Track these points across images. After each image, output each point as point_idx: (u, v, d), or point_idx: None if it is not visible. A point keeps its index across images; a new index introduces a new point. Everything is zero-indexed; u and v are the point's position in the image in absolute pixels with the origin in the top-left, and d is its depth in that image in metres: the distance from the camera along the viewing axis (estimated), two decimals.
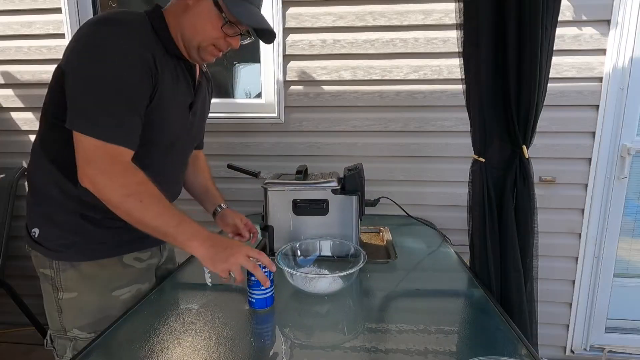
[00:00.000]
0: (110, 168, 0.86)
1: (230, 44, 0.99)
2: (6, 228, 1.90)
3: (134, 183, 0.88)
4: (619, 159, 1.82)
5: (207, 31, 0.95)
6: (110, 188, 0.86)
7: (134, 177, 0.88)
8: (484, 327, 0.95)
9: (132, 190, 0.87)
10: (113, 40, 0.86)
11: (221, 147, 1.94)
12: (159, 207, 0.89)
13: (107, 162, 0.85)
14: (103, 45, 0.85)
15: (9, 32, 1.95)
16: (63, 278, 0.99)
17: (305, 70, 1.87)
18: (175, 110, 1.02)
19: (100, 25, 0.87)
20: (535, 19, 1.03)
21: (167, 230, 0.89)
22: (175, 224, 0.89)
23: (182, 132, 1.08)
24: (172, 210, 0.91)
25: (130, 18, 0.92)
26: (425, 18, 1.77)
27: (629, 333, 2.02)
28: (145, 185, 0.89)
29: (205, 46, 0.97)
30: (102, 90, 0.85)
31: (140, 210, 0.88)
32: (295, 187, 1.29)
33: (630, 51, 1.71)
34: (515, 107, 1.11)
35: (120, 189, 0.86)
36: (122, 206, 0.87)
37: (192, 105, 1.08)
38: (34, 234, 1.00)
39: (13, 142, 2.06)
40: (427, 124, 1.86)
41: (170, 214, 0.90)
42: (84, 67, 0.86)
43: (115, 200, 0.87)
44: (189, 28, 0.96)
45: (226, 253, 0.90)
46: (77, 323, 1.01)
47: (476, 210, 1.22)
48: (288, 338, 0.89)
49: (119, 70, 0.85)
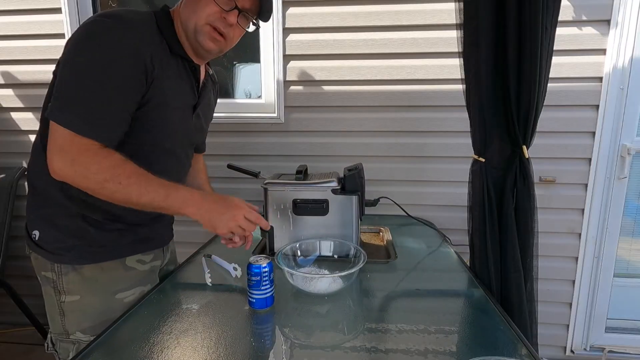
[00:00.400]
0: (79, 157, 0.84)
1: (226, 21, 0.96)
2: (6, 228, 1.90)
3: (108, 167, 0.85)
4: (619, 159, 1.83)
5: (201, 7, 0.94)
6: (84, 177, 0.84)
7: (106, 161, 0.85)
8: (484, 327, 0.95)
9: (107, 175, 0.85)
10: (108, 34, 0.85)
11: (221, 147, 1.94)
12: (141, 184, 0.87)
13: (76, 152, 0.83)
14: (97, 37, 0.84)
15: (9, 32, 1.95)
16: (65, 281, 0.98)
17: (305, 70, 1.87)
18: (177, 112, 1.01)
19: (100, 19, 0.87)
20: (535, 19, 1.03)
21: (158, 205, 0.88)
22: (163, 197, 0.88)
23: (184, 133, 1.07)
24: (156, 183, 0.89)
25: (133, 16, 0.91)
26: (425, 18, 1.77)
27: (629, 333, 2.02)
28: (121, 167, 0.86)
29: (202, 26, 0.95)
30: (86, 82, 0.83)
31: (122, 193, 0.86)
32: (295, 187, 1.29)
33: (630, 51, 1.71)
34: (515, 107, 1.11)
35: (95, 176, 0.84)
36: (103, 192, 0.86)
37: (195, 107, 1.07)
38: (34, 236, 0.99)
39: (13, 142, 2.06)
40: (427, 124, 1.86)
41: (155, 188, 0.88)
42: (73, 58, 0.85)
43: (94, 187, 0.86)
44: (186, 14, 0.96)
45: (225, 216, 0.92)
46: (80, 326, 1.00)
47: (476, 210, 1.21)
48: (288, 338, 0.89)
49: (108, 64, 0.84)
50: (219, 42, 0.99)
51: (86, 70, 0.83)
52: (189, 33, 0.97)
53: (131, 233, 1.04)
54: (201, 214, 0.91)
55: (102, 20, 0.86)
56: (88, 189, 0.86)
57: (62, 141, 0.83)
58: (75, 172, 0.84)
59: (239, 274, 1.16)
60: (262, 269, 0.94)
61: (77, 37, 0.86)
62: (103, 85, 0.84)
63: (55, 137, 0.84)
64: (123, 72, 0.86)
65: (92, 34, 0.85)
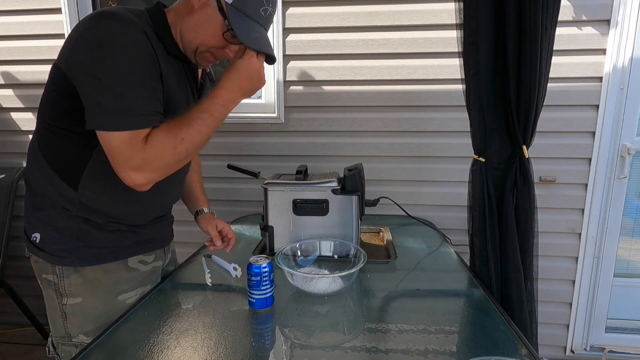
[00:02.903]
0: (141, 155, 0.83)
1: (227, 54, 0.97)
2: (6, 228, 1.90)
3: (163, 139, 0.85)
4: (619, 159, 1.82)
5: (207, 37, 0.93)
6: (162, 163, 0.86)
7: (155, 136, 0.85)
8: (484, 327, 0.95)
9: (169, 145, 0.85)
10: (116, 33, 0.83)
11: (221, 147, 1.94)
12: (188, 126, 0.87)
13: (137, 152, 0.83)
14: (106, 39, 0.82)
15: (9, 32, 1.95)
16: (67, 283, 0.97)
17: (305, 70, 1.87)
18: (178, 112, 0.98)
19: (100, 19, 0.84)
20: (535, 19, 1.03)
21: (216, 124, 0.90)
22: (210, 117, 0.88)
23: None
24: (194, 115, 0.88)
25: (130, 14, 0.88)
26: (425, 18, 1.77)
27: (629, 333, 2.02)
28: (169, 130, 0.86)
29: (202, 51, 0.95)
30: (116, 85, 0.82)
31: (191, 146, 0.87)
32: (295, 187, 1.29)
33: (630, 51, 1.71)
34: (515, 107, 1.11)
35: (165, 156, 0.85)
36: (181, 156, 0.87)
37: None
38: (34, 239, 0.97)
39: (13, 142, 2.06)
40: (427, 124, 1.86)
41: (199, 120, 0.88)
42: (91, 65, 0.82)
43: (173, 163, 0.88)
44: (189, 30, 0.94)
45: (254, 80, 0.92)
46: (82, 329, 1.00)
47: (476, 210, 1.21)
48: (288, 338, 0.89)
49: (127, 61, 0.83)
50: (214, 63, 1.02)
51: (111, 75, 0.81)
52: (187, 50, 0.96)
53: (132, 234, 1.03)
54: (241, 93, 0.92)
55: (104, 20, 0.83)
56: (172, 167, 0.89)
57: (122, 147, 0.83)
58: (152, 169, 0.86)
59: (239, 274, 1.16)
60: (262, 269, 0.94)
61: (84, 42, 0.83)
62: (133, 82, 0.83)
63: (112, 146, 0.83)
64: (145, 69, 0.86)
65: (100, 36, 0.82)
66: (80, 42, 0.84)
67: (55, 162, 0.94)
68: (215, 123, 0.89)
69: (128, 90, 0.82)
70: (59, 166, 0.94)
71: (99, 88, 0.82)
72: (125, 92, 0.82)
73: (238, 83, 0.91)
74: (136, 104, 0.83)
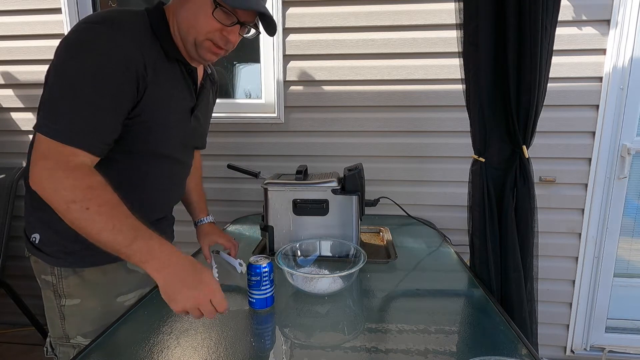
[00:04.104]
0: (58, 169, 0.76)
1: (227, 38, 0.91)
2: (6, 228, 1.90)
3: (84, 187, 0.76)
4: (619, 159, 1.83)
5: (200, 23, 0.88)
6: (54, 191, 0.76)
7: (84, 179, 0.77)
8: (484, 327, 0.95)
9: (78, 195, 0.75)
10: (99, 40, 0.80)
11: (221, 147, 1.94)
12: (109, 218, 0.75)
13: (57, 162, 0.76)
14: (87, 44, 0.80)
15: (9, 32, 1.95)
16: (65, 285, 0.97)
17: (305, 70, 1.87)
18: (174, 116, 0.98)
19: (91, 24, 0.82)
20: (535, 19, 1.03)
21: (117, 248, 0.75)
22: (128, 241, 0.75)
23: (182, 138, 1.04)
24: (127, 222, 0.76)
25: (127, 18, 0.86)
26: (425, 18, 1.77)
27: (629, 333, 2.02)
28: (97, 190, 0.76)
29: (201, 41, 0.90)
30: (74, 90, 0.78)
31: (85, 221, 0.75)
32: (295, 187, 1.29)
33: (630, 51, 1.71)
34: (515, 107, 1.11)
35: (65, 192, 0.75)
36: (67, 215, 0.76)
37: (193, 110, 1.04)
38: (34, 239, 0.97)
39: (13, 142, 2.06)
40: (427, 124, 1.86)
41: (123, 228, 0.75)
42: (62, 65, 0.80)
43: (60, 206, 0.76)
44: (183, 23, 0.90)
45: (190, 292, 0.75)
46: (80, 330, 0.99)
47: (476, 210, 1.22)
48: (288, 338, 0.89)
49: (97, 71, 0.79)
50: (219, 54, 0.95)
51: (75, 78, 0.79)
52: (187, 45, 0.92)
53: None
54: (163, 276, 0.75)
55: (92, 26, 0.82)
56: (54, 205, 0.77)
57: (46, 150, 0.77)
58: (48, 184, 0.76)
59: (244, 269, 1.16)
60: (262, 269, 0.94)
61: (67, 43, 0.82)
62: (92, 93, 0.79)
63: (37, 147, 0.78)
64: (113, 80, 0.81)
65: (82, 40, 0.81)
66: (63, 41, 0.82)
67: None
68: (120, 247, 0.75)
69: (82, 98, 0.79)
70: None
71: (54, 88, 0.80)
72: (77, 100, 0.78)
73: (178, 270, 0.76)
74: (85, 119, 0.79)
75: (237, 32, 0.92)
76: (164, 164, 1.02)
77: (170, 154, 1.02)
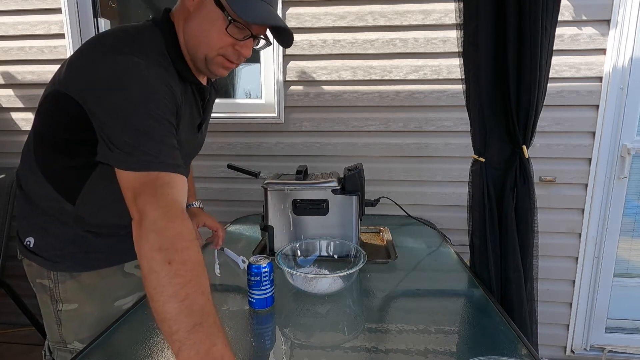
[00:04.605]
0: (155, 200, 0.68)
1: (239, 52, 0.87)
2: (6, 228, 1.90)
3: (174, 234, 0.65)
4: (619, 159, 1.83)
5: (212, 38, 0.84)
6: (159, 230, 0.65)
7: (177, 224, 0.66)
8: (484, 327, 0.95)
9: (166, 242, 0.64)
10: (135, 70, 0.76)
11: (221, 147, 1.94)
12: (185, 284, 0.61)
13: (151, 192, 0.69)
14: (125, 74, 0.75)
15: (9, 32, 1.95)
16: (62, 289, 0.95)
17: (305, 70, 1.87)
18: (185, 135, 0.95)
19: (116, 54, 0.77)
20: (535, 19, 1.03)
21: (169, 329, 0.61)
22: (189, 327, 0.60)
23: (188, 152, 1.04)
24: (200, 299, 0.62)
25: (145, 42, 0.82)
26: (425, 18, 1.77)
27: (629, 333, 2.02)
28: (185, 243, 0.65)
29: (213, 57, 0.86)
30: (134, 120, 0.73)
31: (157, 279, 0.62)
32: (295, 187, 1.29)
33: (630, 51, 1.71)
34: (515, 107, 1.11)
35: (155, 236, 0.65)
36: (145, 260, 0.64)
37: (200, 125, 1.03)
38: (28, 243, 0.95)
39: (13, 142, 2.06)
40: (427, 124, 1.86)
41: (194, 305, 0.61)
42: (110, 100, 0.75)
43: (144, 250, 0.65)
44: (192, 38, 0.85)
45: None
46: (78, 335, 0.98)
47: (476, 210, 1.22)
48: (288, 338, 0.89)
49: (147, 99, 0.75)
50: (231, 68, 0.92)
51: (129, 109, 0.74)
52: (197, 61, 0.88)
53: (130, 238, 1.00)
54: None
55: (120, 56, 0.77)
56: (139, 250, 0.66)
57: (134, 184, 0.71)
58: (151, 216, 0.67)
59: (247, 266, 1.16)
60: (262, 269, 0.94)
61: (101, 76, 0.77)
62: (152, 118, 0.75)
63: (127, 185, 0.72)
64: (163, 106, 0.77)
65: (119, 71, 0.76)
66: (96, 75, 0.77)
67: (55, 179, 0.91)
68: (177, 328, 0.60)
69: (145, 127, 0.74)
70: (60, 183, 0.91)
71: (117, 123, 0.74)
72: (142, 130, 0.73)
73: None
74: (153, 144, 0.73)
75: (251, 46, 0.88)
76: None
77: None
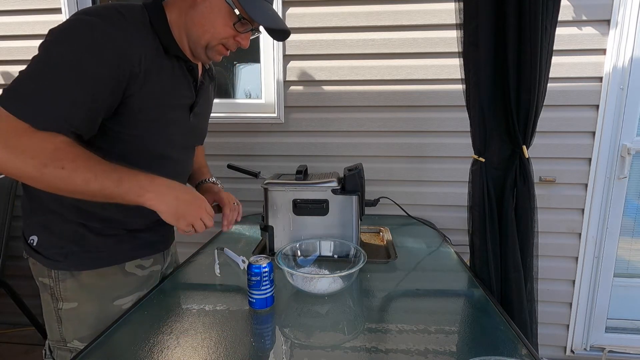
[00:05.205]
0: (15, 139, 0.73)
1: (239, 43, 0.96)
2: (6, 228, 1.90)
3: (49, 150, 0.75)
4: (619, 159, 1.83)
5: (217, 29, 0.91)
6: (22, 162, 0.73)
7: (46, 143, 0.74)
8: (484, 327, 0.95)
9: (46, 158, 0.74)
10: (91, 33, 0.78)
11: (221, 147, 1.94)
12: (89, 169, 0.77)
13: (13, 135, 0.73)
14: (77, 35, 0.78)
15: (9, 32, 1.95)
16: (62, 288, 0.96)
17: (305, 70, 1.87)
18: (173, 113, 0.98)
19: (87, 16, 0.80)
20: (535, 19, 1.03)
21: (110, 192, 0.78)
22: (115, 182, 0.78)
23: (182, 136, 1.04)
24: (108, 167, 0.79)
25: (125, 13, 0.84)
26: (425, 18, 1.77)
27: (629, 333, 2.02)
28: (64, 150, 0.76)
29: (214, 45, 0.94)
30: (49, 73, 0.76)
31: (65, 180, 0.76)
32: (295, 187, 1.29)
33: (630, 51, 1.71)
34: (515, 107, 1.11)
35: (31, 160, 0.73)
36: (43, 179, 0.75)
37: (192, 107, 1.04)
38: (32, 241, 0.96)
39: None
40: (427, 124, 1.86)
41: (106, 173, 0.78)
42: (43, 50, 0.78)
43: (32, 173, 0.74)
44: (196, 26, 0.91)
45: (193, 206, 0.88)
46: (77, 334, 0.98)
47: (476, 210, 1.22)
48: (288, 338, 0.89)
49: (78, 62, 0.77)
50: (226, 55, 0.99)
51: (52, 63, 0.76)
52: (197, 47, 0.94)
53: (132, 238, 1.02)
54: (165, 203, 0.83)
55: (87, 18, 0.79)
56: (26, 177, 0.76)
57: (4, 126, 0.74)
58: (9, 157, 0.73)
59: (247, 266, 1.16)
60: (262, 269, 0.94)
61: (58, 30, 0.79)
62: (66, 79, 0.76)
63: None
64: (94, 75, 0.78)
65: (73, 29, 0.79)
66: (58, 26, 0.80)
67: None
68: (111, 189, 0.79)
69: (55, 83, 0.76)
70: None
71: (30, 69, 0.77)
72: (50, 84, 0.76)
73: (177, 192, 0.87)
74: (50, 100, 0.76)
75: (249, 38, 0.96)
76: (164, 166, 1.00)
77: (170, 155, 1.02)
